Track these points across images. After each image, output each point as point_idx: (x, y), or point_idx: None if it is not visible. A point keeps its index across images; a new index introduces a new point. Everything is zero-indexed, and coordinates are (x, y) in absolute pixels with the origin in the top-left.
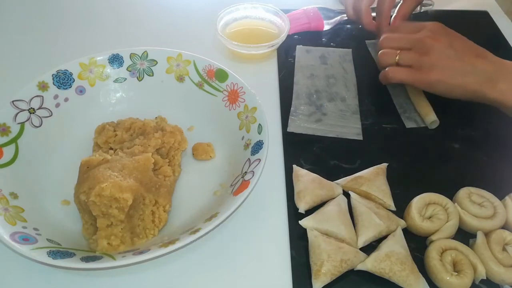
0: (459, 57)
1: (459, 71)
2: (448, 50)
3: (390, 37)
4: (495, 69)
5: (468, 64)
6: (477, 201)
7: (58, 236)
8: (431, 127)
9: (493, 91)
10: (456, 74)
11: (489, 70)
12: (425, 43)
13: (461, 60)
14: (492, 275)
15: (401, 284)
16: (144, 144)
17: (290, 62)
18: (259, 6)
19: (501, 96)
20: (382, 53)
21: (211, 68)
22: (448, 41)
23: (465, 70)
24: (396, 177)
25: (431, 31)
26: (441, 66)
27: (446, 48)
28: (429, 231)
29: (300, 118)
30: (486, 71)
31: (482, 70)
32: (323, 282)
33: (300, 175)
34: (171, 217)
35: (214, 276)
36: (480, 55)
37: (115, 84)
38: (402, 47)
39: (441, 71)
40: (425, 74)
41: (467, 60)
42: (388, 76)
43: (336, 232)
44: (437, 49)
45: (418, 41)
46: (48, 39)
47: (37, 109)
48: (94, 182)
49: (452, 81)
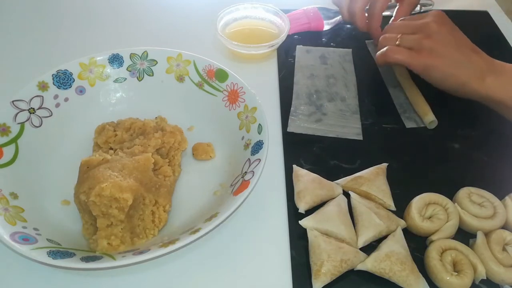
0: (457, 48)
1: (455, 60)
2: (449, 37)
3: (394, 25)
4: (486, 65)
5: (464, 55)
6: (477, 201)
7: (58, 236)
8: (430, 127)
9: (481, 85)
10: (452, 63)
11: (481, 65)
12: (430, 27)
13: (459, 50)
14: (492, 275)
15: (401, 284)
16: (144, 144)
17: (290, 62)
18: (259, 6)
19: (488, 90)
20: (383, 38)
21: (211, 68)
22: (450, 30)
23: (460, 60)
24: (396, 177)
25: (435, 17)
26: (441, 52)
27: (448, 35)
28: (429, 231)
29: (300, 118)
30: (479, 66)
31: (475, 64)
32: (323, 282)
33: (300, 175)
34: (171, 217)
35: (214, 276)
36: (475, 51)
37: (115, 84)
38: (405, 32)
39: (439, 56)
40: (423, 57)
41: (464, 51)
42: (387, 54)
43: (336, 232)
44: (440, 34)
45: (423, 24)
46: (48, 39)
47: (37, 109)
48: (94, 182)
49: (447, 69)
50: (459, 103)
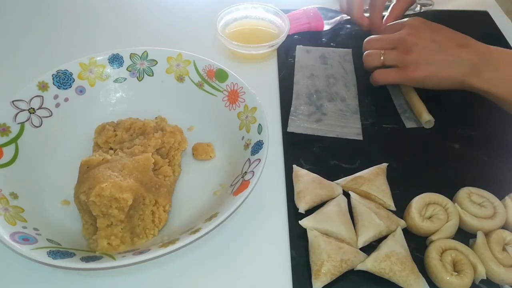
0: (442, 50)
1: (443, 64)
2: (431, 45)
3: (373, 39)
4: (479, 58)
5: (451, 55)
6: (477, 201)
7: (58, 236)
8: (426, 127)
9: (479, 80)
10: (442, 67)
11: (473, 59)
12: (407, 41)
13: (445, 52)
14: (492, 275)
15: (401, 284)
16: (144, 144)
17: (290, 62)
18: (259, 6)
19: (487, 85)
20: (366, 55)
21: (211, 68)
22: (429, 35)
23: (449, 62)
24: (396, 177)
25: (411, 28)
26: (426, 62)
27: (428, 43)
28: (429, 231)
29: (300, 118)
30: (470, 60)
31: (466, 59)
32: (323, 282)
33: (300, 175)
34: (171, 217)
35: (214, 276)
36: (462, 45)
37: (115, 84)
38: (385, 47)
39: (426, 66)
40: (412, 72)
41: (450, 51)
42: (377, 79)
43: (336, 232)
44: (419, 45)
45: (400, 39)
46: (48, 39)
47: (37, 109)
48: (94, 182)
49: (439, 75)
50: (459, 103)
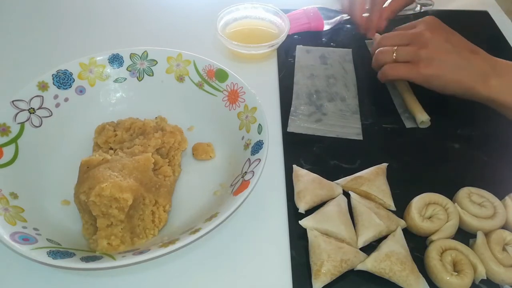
0: (455, 52)
1: (455, 65)
2: (446, 44)
3: (388, 35)
4: (488, 66)
5: (464, 59)
6: (477, 201)
7: (58, 236)
8: (421, 127)
9: (485, 87)
10: (453, 69)
11: (483, 67)
12: (424, 36)
13: (458, 54)
14: (492, 275)
15: (401, 284)
16: (144, 144)
17: (290, 62)
18: (259, 6)
19: (492, 92)
20: (379, 51)
21: (211, 68)
22: (445, 35)
23: (461, 64)
24: (396, 177)
25: (427, 24)
26: (439, 59)
27: (443, 42)
28: (429, 231)
29: (300, 118)
30: (480, 67)
31: (477, 66)
32: (323, 282)
33: (300, 175)
34: (171, 217)
35: (214, 276)
36: (474, 51)
37: (115, 84)
38: (400, 44)
39: (439, 64)
40: (423, 68)
41: (463, 55)
42: (386, 73)
43: (336, 232)
44: (435, 42)
45: (416, 34)
46: (48, 39)
47: (37, 109)
48: (94, 182)
49: (449, 76)
50: (459, 103)
